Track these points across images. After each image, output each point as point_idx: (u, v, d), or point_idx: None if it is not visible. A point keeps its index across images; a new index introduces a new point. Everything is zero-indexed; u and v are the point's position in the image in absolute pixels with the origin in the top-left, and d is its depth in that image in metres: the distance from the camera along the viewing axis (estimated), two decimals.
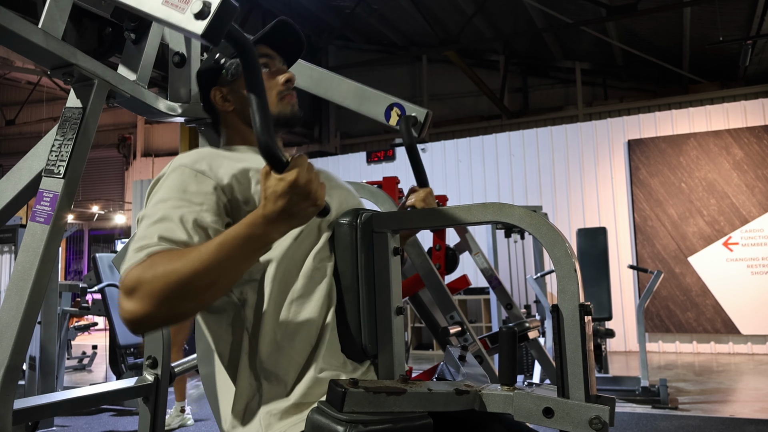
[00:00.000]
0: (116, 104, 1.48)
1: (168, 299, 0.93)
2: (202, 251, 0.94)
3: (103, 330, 9.11)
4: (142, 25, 1.54)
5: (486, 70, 11.27)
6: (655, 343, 7.33)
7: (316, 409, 0.92)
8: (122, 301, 0.95)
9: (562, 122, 9.45)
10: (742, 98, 8.52)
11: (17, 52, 1.25)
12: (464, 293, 7.45)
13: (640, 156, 7.58)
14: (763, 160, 7.08)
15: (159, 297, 0.92)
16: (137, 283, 0.94)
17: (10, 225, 4.39)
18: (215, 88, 1.27)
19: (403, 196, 3.66)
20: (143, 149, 14.51)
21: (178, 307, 0.95)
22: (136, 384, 1.63)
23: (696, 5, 7.56)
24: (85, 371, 7.01)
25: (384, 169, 8.45)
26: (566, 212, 7.89)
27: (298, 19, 10.10)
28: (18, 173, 1.37)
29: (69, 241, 15.00)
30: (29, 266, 1.23)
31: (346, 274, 1.10)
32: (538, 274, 4.94)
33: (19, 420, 1.26)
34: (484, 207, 0.99)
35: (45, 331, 4.01)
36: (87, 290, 4.97)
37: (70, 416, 4.25)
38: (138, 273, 0.95)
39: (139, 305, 0.93)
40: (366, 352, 1.07)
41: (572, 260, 0.90)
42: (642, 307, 4.67)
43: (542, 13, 8.95)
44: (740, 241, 7.06)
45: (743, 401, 4.50)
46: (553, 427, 0.88)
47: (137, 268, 0.96)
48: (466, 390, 0.95)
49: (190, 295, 0.94)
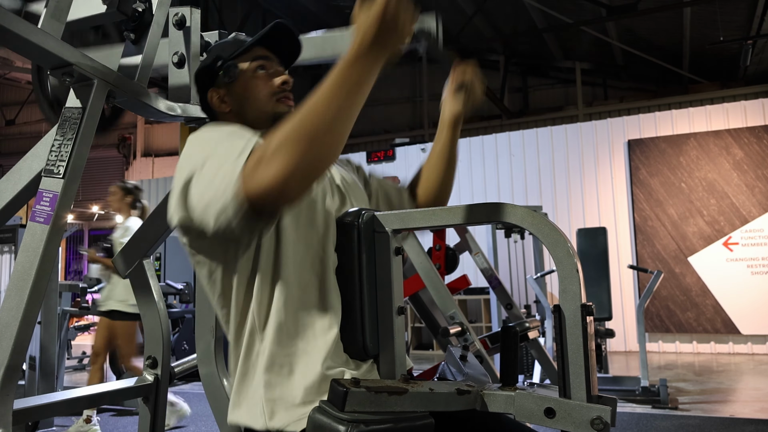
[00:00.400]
0: (116, 104, 1.48)
1: (308, 138, 0.92)
2: (312, 98, 0.95)
3: None
4: (142, 25, 1.54)
5: (486, 70, 11.27)
6: (655, 343, 7.33)
7: (317, 408, 0.92)
8: (252, 177, 0.93)
9: (562, 122, 9.46)
10: (742, 98, 8.53)
11: (17, 52, 1.25)
12: (464, 293, 7.46)
13: (640, 156, 7.59)
14: (763, 160, 7.08)
15: (299, 139, 0.92)
16: (265, 150, 0.93)
17: (10, 225, 4.39)
18: (212, 89, 1.27)
19: None
20: (143, 149, 14.51)
21: (321, 145, 0.93)
22: (136, 384, 1.63)
23: (696, 5, 7.56)
24: (85, 371, 7.01)
25: (384, 169, 8.45)
26: (566, 212, 7.89)
27: (298, 19, 10.10)
28: (18, 173, 1.36)
29: (69, 241, 15.01)
30: (29, 266, 1.23)
31: (347, 273, 1.10)
32: (538, 274, 4.94)
33: (19, 420, 1.26)
34: (485, 207, 0.98)
35: (45, 331, 4.01)
36: (87, 290, 4.98)
37: (70, 416, 4.25)
38: (257, 154, 0.94)
39: (280, 161, 0.91)
40: (367, 352, 1.07)
41: (574, 260, 0.89)
42: (642, 307, 4.67)
43: (542, 13, 8.95)
44: (740, 241, 7.06)
45: (743, 401, 4.50)
46: (554, 428, 0.88)
47: (253, 155, 0.95)
48: (468, 390, 0.95)
49: (324, 128, 0.93)
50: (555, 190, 8.04)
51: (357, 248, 1.09)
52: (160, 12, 1.53)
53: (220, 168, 0.98)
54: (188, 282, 6.03)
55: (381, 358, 1.07)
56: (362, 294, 1.07)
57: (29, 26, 1.21)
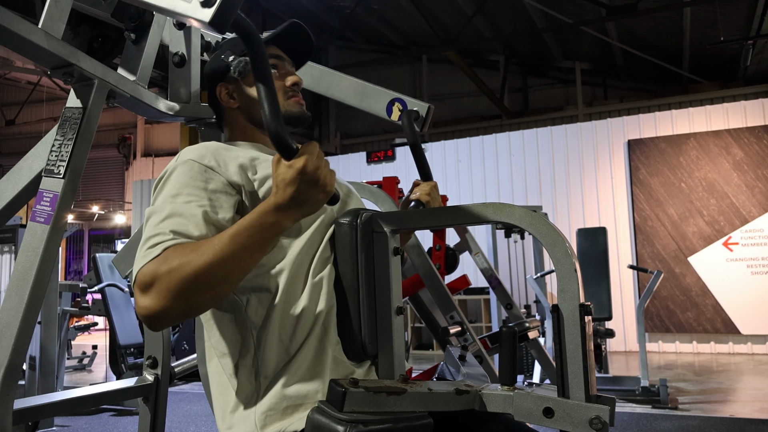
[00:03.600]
0: (116, 104, 1.48)
1: (184, 292, 0.93)
2: (216, 243, 0.94)
3: (103, 330, 9.11)
4: (142, 25, 1.54)
5: (486, 70, 11.27)
6: (655, 343, 7.33)
7: (316, 408, 0.92)
8: (138, 298, 0.95)
9: (562, 122, 9.46)
10: (742, 98, 8.53)
11: (17, 52, 1.25)
12: (464, 293, 7.46)
13: (640, 156, 7.59)
14: (763, 160, 7.08)
15: (175, 291, 0.93)
16: (153, 278, 0.94)
17: (10, 225, 4.39)
18: (221, 84, 1.28)
19: (403, 196, 3.67)
20: (143, 149, 14.51)
21: (194, 300, 0.95)
22: (136, 384, 1.63)
23: (696, 5, 7.56)
24: (85, 371, 7.01)
25: (384, 169, 8.45)
26: (566, 212, 7.89)
27: (298, 18, 10.09)
28: (18, 173, 1.37)
29: (69, 241, 15.01)
30: (29, 266, 1.23)
31: (346, 274, 1.10)
32: (538, 274, 4.94)
33: (19, 420, 1.26)
34: (484, 207, 0.99)
35: (45, 331, 4.01)
36: (87, 290, 4.97)
37: (70, 416, 4.25)
38: (153, 268, 0.95)
39: (155, 300, 0.93)
40: (366, 352, 1.07)
41: (572, 260, 0.90)
42: (642, 307, 4.66)
43: (542, 13, 8.95)
44: (740, 241, 7.06)
45: (743, 401, 4.50)
46: (553, 427, 0.88)
47: (152, 263, 0.96)
48: (467, 390, 0.95)
49: (206, 287, 0.94)
50: (555, 190, 8.04)
51: (355, 249, 1.09)
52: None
53: (147, 239, 1.01)
54: None
55: (380, 358, 1.07)
56: (361, 294, 1.07)
57: (29, 26, 1.21)
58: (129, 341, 4.95)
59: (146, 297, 0.94)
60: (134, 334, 5.03)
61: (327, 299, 1.10)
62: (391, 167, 8.58)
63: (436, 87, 12.00)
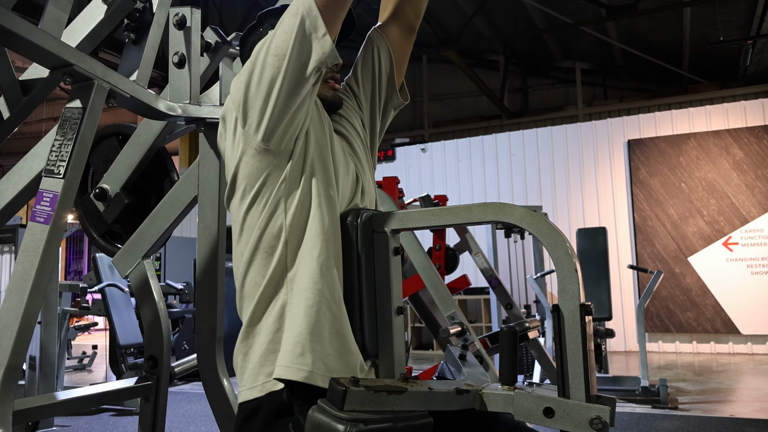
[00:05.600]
0: (116, 104, 1.48)
1: None
2: None
3: (103, 330, 9.11)
4: (142, 25, 1.54)
5: (486, 70, 11.27)
6: (655, 343, 7.33)
7: (316, 407, 0.92)
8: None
9: (562, 122, 9.46)
10: (742, 98, 8.53)
11: (17, 52, 1.25)
12: (464, 293, 7.45)
13: (640, 156, 7.59)
14: (763, 160, 7.08)
15: None
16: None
17: (10, 225, 4.39)
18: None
19: (403, 196, 3.66)
20: None
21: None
22: (136, 384, 1.63)
23: (696, 5, 7.56)
24: (85, 371, 7.01)
25: (384, 169, 8.45)
26: (566, 212, 7.89)
27: None
28: (18, 173, 1.37)
29: (69, 241, 15.00)
30: (29, 266, 1.23)
31: (346, 273, 1.10)
32: (538, 274, 4.94)
33: (19, 420, 1.26)
34: (485, 207, 0.99)
35: (45, 331, 4.01)
36: (87, 290, 4.97)
37: (70, 416, 4.25)
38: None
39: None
40: (366, 352, 1.07)
41: (573, 260, 0.90)
42: (642, 307, 4.67)
43: (542, 13, 8.95)
44: (740, 241, 7.06)
45: (743, 401, 4.50)
46: (553, 427, 0.88)
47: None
48: (467, 389, 0.95)
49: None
50: (555, 190, 8.04)
51: (356, 248, 1.09)
52: (160, 12, 1.54)
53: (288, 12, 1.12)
54: (188, 282, 6.03)
55: (380, 357, 1.07)
56: (361, 294, 1.08)
57: (29, 26, 1.21)
58: (129, 341, 4.95)
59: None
60: (134, 334, 5.03)
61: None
62: (391, 167, 8.58)
63: (436, 87, 12.00)
